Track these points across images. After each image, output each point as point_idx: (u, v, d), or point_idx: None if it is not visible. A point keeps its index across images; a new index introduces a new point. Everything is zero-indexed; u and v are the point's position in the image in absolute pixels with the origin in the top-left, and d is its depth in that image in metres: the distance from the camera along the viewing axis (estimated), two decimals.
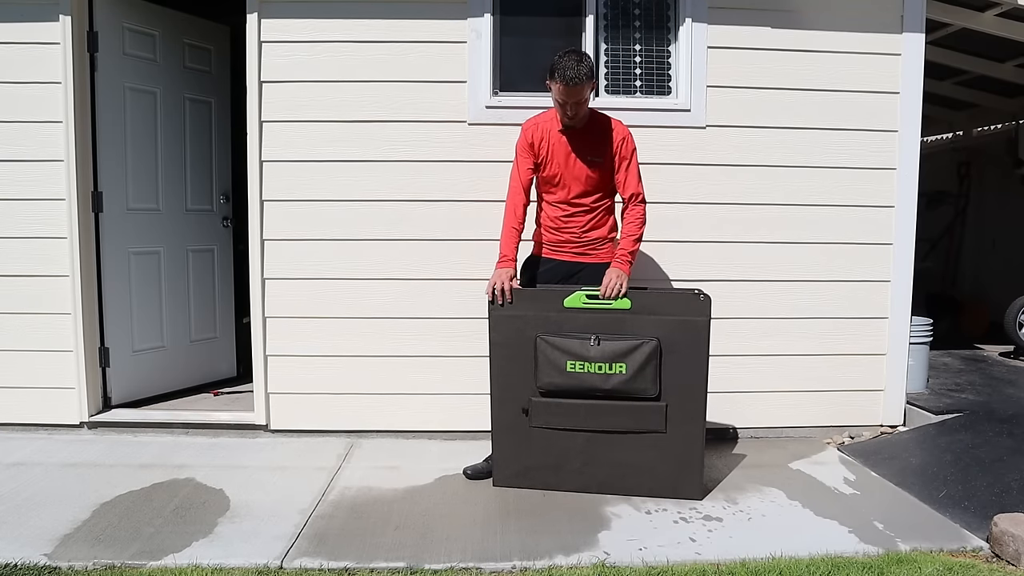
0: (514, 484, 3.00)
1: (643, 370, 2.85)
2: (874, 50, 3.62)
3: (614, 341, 2.87)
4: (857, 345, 3.73)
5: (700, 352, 2.90)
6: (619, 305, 2.90)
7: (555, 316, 2.92)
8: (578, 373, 2.86)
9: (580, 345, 2.87)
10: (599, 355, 2.86)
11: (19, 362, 3.63)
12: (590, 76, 2.85)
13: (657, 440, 2.92)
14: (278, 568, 2.38)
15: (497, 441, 3.02)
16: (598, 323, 2.90)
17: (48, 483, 3.03)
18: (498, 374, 2.97)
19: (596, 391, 2.88)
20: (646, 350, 2.85)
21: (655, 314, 2.90)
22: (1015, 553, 2.42)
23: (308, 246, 3.60)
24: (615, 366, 2.85)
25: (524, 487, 2.98)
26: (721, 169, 3.64)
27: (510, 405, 2.96)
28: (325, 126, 3.56)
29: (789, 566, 2.37)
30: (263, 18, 3.50)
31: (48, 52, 3.50)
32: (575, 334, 2.89)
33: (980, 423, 3.58)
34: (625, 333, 2.88)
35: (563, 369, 2.87)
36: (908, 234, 3.70)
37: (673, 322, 2.89)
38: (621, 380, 2.86)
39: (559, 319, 2.91)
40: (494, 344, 2.97)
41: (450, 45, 3.55)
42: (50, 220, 3.57)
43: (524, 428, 2.96)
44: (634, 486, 2.97)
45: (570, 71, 2.79)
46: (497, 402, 2.99)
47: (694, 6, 3.57)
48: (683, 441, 2.93)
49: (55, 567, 2.34)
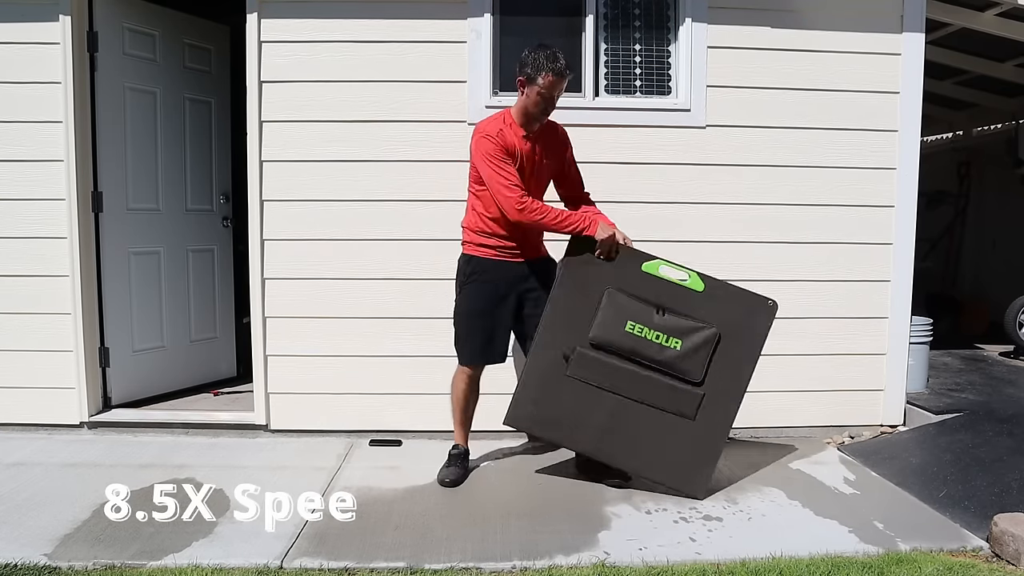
0: (526, 428, 3.00)
1: (696, 352, 2.91)
2: (874, 50, 3.62)
3: (678, 317, 2.92)
4: (857, 345, 3.73)
5: (751, 356, 2.95)
6: (692, 285, 2.94)
7: (631, 276, 2.94)
8: (635, 336, 2.90)
9: (645, 310, 2.91)
10: (661, 325, 2.91)
11: (19, 362, 3.63)
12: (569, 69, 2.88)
13: (682, 426, 2.93)
14: (278, 568, 2.38)
15: (525, 383, 2.96)
16: (668, 295, 2.94)
17: (48, 483, 3.03)
18: (553, 319, 2.93)
19: (646, 359, 2.91)
20: (705, 335, 2.92)
21: (723, 305, 2.94)
22: (1015, 553, 2.43)
23: (308, 246, 3.60)
24: (672, 340, 2.90)
25: (535, 434, 2.99)
26: (721, 169, 3.64)
27: (552, 351, 2.93)
28: (325, 126, 3.56)
29: (789, 566, 2.37)
30: (263, 18, 3.50)
31: (48, 52, 3.50)
32: (644, 298, 2.92)
33: (980, 423, 3.58)
34: (689, 313, 2.93)
35: (622, 328, 2.89)
36: (908, 234, 3.70)
37: (737, 319, 2.94)
38: (674, 355, 2.90)
39: (634, 280, 2.94)
40: (563, 286, 2.95)
41: (450, 45, 3.55)
42: (50, 220, 3.57)
43: (558, 376, 2.93)
44: (644, 465, 2.97)
45: (560, 62, 2.80)
46: (540, 344, 2.94)
47: (694, 6, 3.57)
48: (706, 435, 2.95)
49: (55, 567, 2.34)
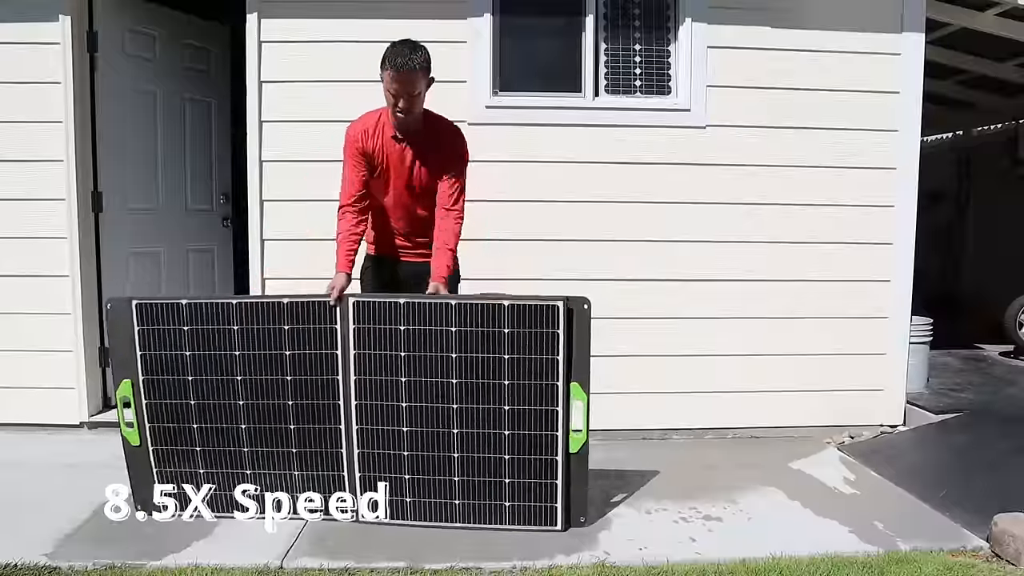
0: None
1: None
2: (874, 50, 3.62)
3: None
4: (857, 345, 3.73)
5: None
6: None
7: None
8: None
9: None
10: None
11: (19, 362, 3.62)
12: (425, 67, 2.61)
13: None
14: (278, 568, 2.38)
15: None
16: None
17: (48, 483, 3.03)
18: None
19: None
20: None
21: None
22: (1015, 553, 2.42)
23: (308, 246, 3.59)
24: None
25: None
26: (721, 169, 3.64)
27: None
28: (325, 126, 3.55)
29: (789, 566, 2.36)
30: (263, 18, 3.50)
31: (48, 52, 3.50)
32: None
33: (980, 423, 3.58)
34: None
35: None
36: (908, 234, 3.70)
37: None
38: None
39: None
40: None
41: (450, 45, 3.54)
42: (50, 220, 3.57)
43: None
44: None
45: (402, 57, 2.55)
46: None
47: (694, 5, 3.57)
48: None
49: (55, 567, 2.34)
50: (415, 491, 2.68)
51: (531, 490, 2.64)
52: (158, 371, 2.65)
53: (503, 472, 2.64)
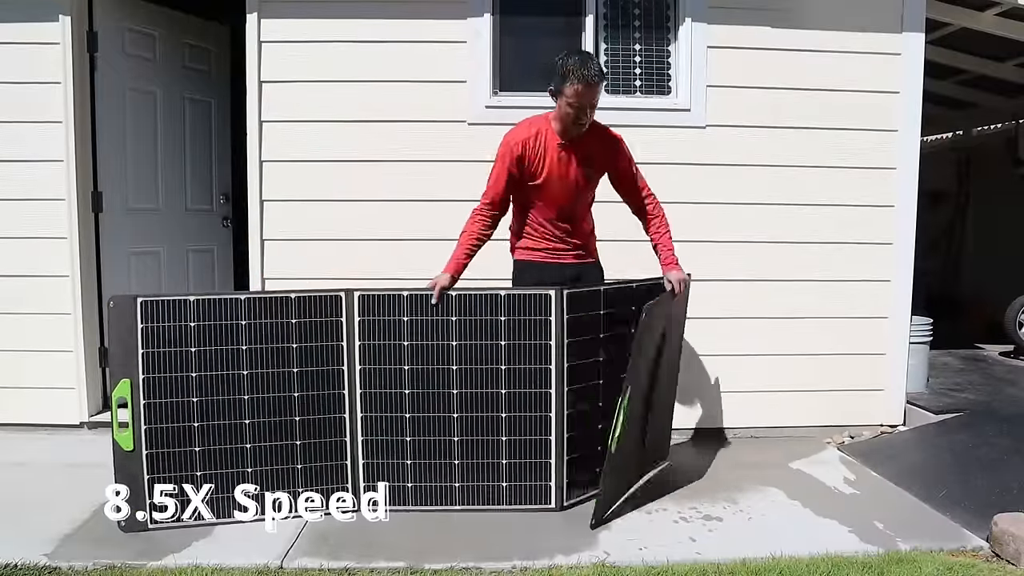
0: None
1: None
2: (874, 50, 3.62)
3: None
4: (857, 345, 3.73)
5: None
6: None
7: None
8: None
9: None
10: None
11: (19, 362, 3.62)
12: (603, 72, 2.68)
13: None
14: (278, 568, 2.38)
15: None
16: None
17: (48, 483, 3.03)
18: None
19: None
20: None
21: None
22: (1015, 553, 2.43)
23: (308, 246, 3.60)
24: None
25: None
26: (721, 169, 3.64)
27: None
28: (325, 126, 3.56)
29: (789, 566, 2.37)
30: (263, 18, 3.50)
31: (48, 52, 3.50)
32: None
33: (980, 423, 3.58)
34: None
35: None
36: (908, 234, 3.70)
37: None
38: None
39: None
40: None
41: (450, 45, 3.55)
42: (50, 220, 3.57)
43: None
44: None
45: (589, 68, 2.59)
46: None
47: (694, 5, 3.57)
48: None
49: (55, 567, 2.34)
50: (416, 476, 2.78)
51: (526, 470, 2.78)
52: (160, 369, 2.65)
53: (500, 453, 2.78)
